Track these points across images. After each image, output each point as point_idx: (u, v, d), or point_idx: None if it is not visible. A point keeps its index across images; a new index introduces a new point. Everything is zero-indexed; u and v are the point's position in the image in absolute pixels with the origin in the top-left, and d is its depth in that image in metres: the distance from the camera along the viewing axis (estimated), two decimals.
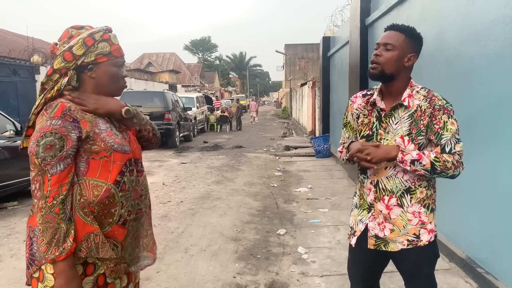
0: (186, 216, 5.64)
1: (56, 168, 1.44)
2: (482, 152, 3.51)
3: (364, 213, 1.99)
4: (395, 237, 1.91)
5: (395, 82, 1.90)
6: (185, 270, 3.83)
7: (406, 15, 5.27)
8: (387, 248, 1.93)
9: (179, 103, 15.47)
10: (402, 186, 1.88)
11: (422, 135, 1.84)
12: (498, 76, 3.29)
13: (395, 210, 1.90)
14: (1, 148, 5.87)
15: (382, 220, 1.93)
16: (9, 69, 11.87)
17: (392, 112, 1.90)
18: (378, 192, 1.92)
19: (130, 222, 1.66)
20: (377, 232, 1.94)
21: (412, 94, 1.89)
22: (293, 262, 4.01)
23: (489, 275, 3.33)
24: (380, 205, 1.92)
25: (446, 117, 1.81)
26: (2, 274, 3.79)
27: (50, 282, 1.49)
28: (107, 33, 1.63)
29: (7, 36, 18.10)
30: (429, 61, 4.59)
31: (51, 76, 1.59)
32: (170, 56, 50.36)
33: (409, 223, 1.89)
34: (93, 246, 1.51)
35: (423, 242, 1.90)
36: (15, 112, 11.24)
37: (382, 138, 1.90)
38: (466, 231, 3.81)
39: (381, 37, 1.93)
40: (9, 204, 6.22)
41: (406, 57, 1.87)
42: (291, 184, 7.78)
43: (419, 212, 1.90)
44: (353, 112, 2.06)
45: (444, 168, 1.77)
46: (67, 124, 1.48)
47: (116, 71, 1.64)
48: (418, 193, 1.89)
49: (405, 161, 1.78)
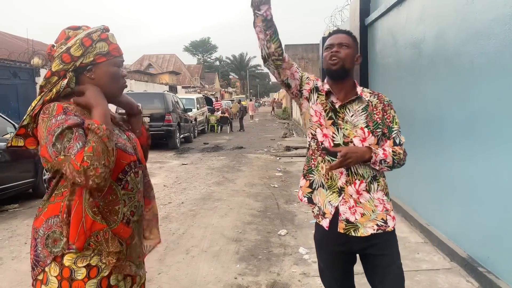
0: (187, 217, 5.64)
1: (76, 147, 1.38)
2: (483, 151, 3.51)
3: (333, 195, 1.99)
4: (366, 221, 1.97)
5: (348, 79, 2.04)
6: (186, 272, 3.83)
7: (405, 15, 5.27)
8: (357, 233, 1.96)
9: (179, 104, 15.48)
10: (370, 172, 1.97)
11: (379, 128, 2.00)
12: (498, 75, 3.29)
13: (364, 195, 1.97)
14: (2, 151, 5.88)
15: (353, 204, 1.97)
16: (9, 72, 11.88)
17: (346, 103, 2.01)
18: (350, 176, 1.96)
19: (135, 223, 1.66)
20: (348, 216, 1.97)
21: (363, 91, 2.05)
22: (294, 263, 4.01)
23: (491, 274, 3.33)
24: (351, 188, 1.96)
25: (393, 112, 2.04)
26: (3, 276, 3.79)
27: (54, 285, 1.48)
28: (104, 33, 1.60)
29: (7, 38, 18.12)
30: (429, 61, 4.59)
31: (49, 79, 1.56)
32: (170, 57, 50.38)
33: (376, 209, 1.98)
34: (102, 241, 1.51)
35: (390, 228, 1.99)
36: (16, 114, 11.23)
37: (341, 127, 1.99)
38: (468, 231, 3.80)
39: (332, 39, 2.05)
40: (10, 206, 6.23)
41: (355, 56, 2.05)
42: (292, 184, 7.78)
43: (382, 199, 2.00)
44: (311, 81, 2.11)
45: (399, 161, 1.96)
46: (72, 117, 1.45)
47: (115, 70, 1.62)
48: (381, 181, 2.01)
49: (376, 162, 1.91)
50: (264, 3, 1.90)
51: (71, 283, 1.48)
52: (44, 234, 1.51)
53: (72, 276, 1.48)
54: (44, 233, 1.51)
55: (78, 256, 1.49)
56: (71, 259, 1.48)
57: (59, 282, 1.48)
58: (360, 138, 1.97)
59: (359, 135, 1.97)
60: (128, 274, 1.64)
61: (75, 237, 1.49)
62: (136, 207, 1.65)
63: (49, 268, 1.49)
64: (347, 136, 1.98)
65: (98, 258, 1.52)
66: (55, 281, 1.48)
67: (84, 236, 1.49)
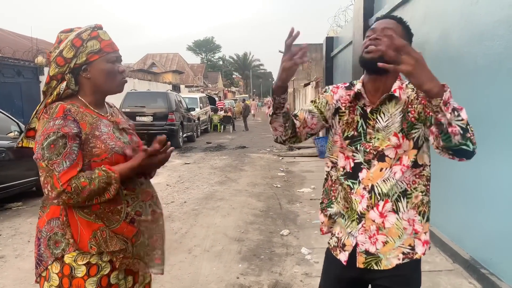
0: (189, 216, 5.65)
1: (63, 165, 1.44)
2: (487, 153, 3.50)
3: (353, 224, 1.68)
4: (389, 250, 1.63)
5: (388, 75, 1.60)
6: (188, 271, 3.84)
7: (409, 16, 5.26)
8: (379, 266, 1.64)
9: (182, 103, 15.50)
10: (398, 188, 1.62)
11: (416, 128, 1.59)
12: (502, 76, 3.29)
13: (389, 217, 1.63)
14: (6, 149, 5.90)
15: (374, 232, 1.64)
16: (14, 70, 11.92)
17: (380, 107, 1.63)
18: (373, 198, 1.63)
19: (144, 223, 1.66)
20: (368, 247, 1.64)
21: (402, 86, 1.64)
22: (296, 263, 4.01)
23: (493, 276, 3.32)
24: (372, 213, 1.63)
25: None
26: (7, 274, 3.81)
27: (55, 282, 1.52)
28: (95, 31, 1.61)
29: (11, 37, 18.17)
30: (433, 61, 4.56)
31: (49, 84, 1.59)
32: (173, 56, 50.41)
33: (404, 232, 1.63)
34: (101, 241, 1.53)
35: (419, 255, 1.65)
36: (19, 113, 11.28)
37: (372, 137, 1.63)
38: (470, 232, 3.80)
39: (376, 24, 1.66)
40: (14, 204, 6.26)
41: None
42: (295, 184, 7.78)
43: (413, 220, 1.64)
44: (331, 104, 1.75)
45: (472, 135, 1.40)
46: (69, 123, 1.49)
47: (110, 67, 1.61)
48: (413, 197, 1.64)
49: (449, 104, 1.32)
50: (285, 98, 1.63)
51: (71, 280, 1.51)
52: (47, 235, 1.54)
53: (72, 274, 1.51)
54: (47, 234, 1.54)
55: (78, 254, 1.52)
56: (71, 257, 1.51)
57: (60, 279, 1.52)
58: (394, 146, 1.60)
59: (392, 143, 1.60)
60: (137, 271, 1.67)
61: (77, 238, 1.52)
62: (142, 206, 1.66)
63: (51, 266, 1.53)
64: (378, 146, 1.62)
65: (98, 257, 1.54)
66: (56, 278, 1.52)
67: (85, 236, 1.52)
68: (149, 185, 1.73)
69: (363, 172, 1.65)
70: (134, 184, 1.63)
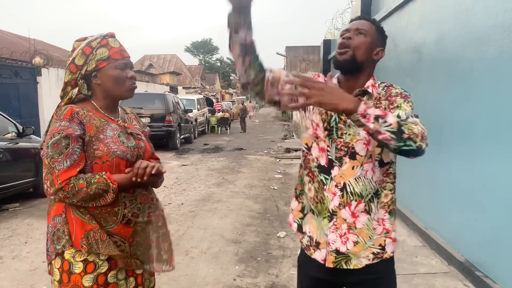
0: (186, 218, 5.66)
1: (63, 164, 1.52)
2: (481, 156, 3.54)
3: (324, 222, 1.65)
4: (360, 250, 1.62)
5: (360, 75, 1.65)
6: (185, 273, 3.85)
7: (406, 20, 5.30)
8: (349, 265, 1.62)
9: (180, 105, 15.51)
10: (371, 189, 1.60)
11: None
12: (497, 80, 3.32)
13: (361, 217, 1.61)
14: (3, 150, 5.89)
15: (345, 231, 1.62)
16: (11, 71, 11.90)
17: None
18: (345, 197, 1.60)
19: (140, 224, 1.71)
20: (338, 246, 1.62)
21: (374, 84, 1.66)
22: (293, 265, 4.02)
23: (488, 278, 3.35)
24: (344, 212, 1.61)
25: (401, 100, 1.57)
26: (4, 276, 3.81)
27: (57, 276, 1.60)
28: (105, 39, 1.69)
29: (8, 37, 18.15)
30: (429, 66, 4.62)
31: (65, 89, 1.70)
32: (171, 58, 50.41)
33: (374, 233, 1.62)
34: (93, 242, 1.58)
35: (388, 254, 1.65)
36: (17, 113, 11.26)
37: (343, 132, 1.61)
38: (465, 235, 3.83)
39: (350, 24, 1.69)
40: (11, 205, 6.25)
41: (375, 49, 1.65)
42: (292, 186, 7.77)
43: (383, 219, 1.64)
44: None
45: (411, 134, 1.35)
46: (74, 125, 1.57)
47: (118, 73, 1.68)
48: (383, 196, 1.64)
49: (368, 115, 1.35)
50: (244, 26, 1.55)
51: (70, 276, 1.58)
52: (52, 231, 1.62)
53: (71, 270, 1.58)
54: (52, 230, 1.62)
55: (77, 251, 1.58)
56: (70, 253, 1.58)
57: (60, 274, 1.59)
58: (364, 142, 1.59)
59: (362, 138, 1.59)
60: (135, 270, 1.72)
61: (72, 236, 1.59)
62: (140, 208, 1.71)
63: (54, 261, 1.62)
64: (348, 142, 1.60)
65: (96, 255, 1.60)
66: (58, 273, 1.60)
67: (78, 235, 1.59)
68: (149, 189, 1.78)
69: (335, 169, 1.62)
70: (133, 188, 1.67)
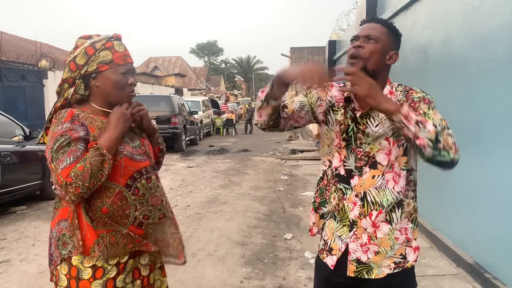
0: (193, 220, 5.67)
1: (66, 161, 1.47)
2: (489, 157, 3.51)
3: (344, 229, 1.64)
4: (381, 260, 1.60)
5: (377, 81, 1.55)
6: (192, 275, 3.85)
7: (412, 20, 5.28)
8: (370, 275, 1.60)
9: (185, 106, 15.54)
10: (393, 199, 1.58)
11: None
12: (505, 81, 3.30)
13: (382, 227, 1.59)
14: (10, 153, 5.93)
15: (366, 241, 1.60)
16: (18, 74, 12.00)
17: (370, 112, 1.59)
18: (366, 207, 1.59)
19: (151, 225, 1.71)
20: (359, 256, 1.61)
21: (392, 91, 1.62)
22: (300, 267, 4.01)
23: (497, 280, 3.32)
24: (365, 221, 1.59)
25: (426, 108, 1.50)
26: (12, 278, 3.83)
27: (64, 283, 1.57)
28: (110, 41, 1.64)
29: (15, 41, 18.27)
30: (436, 66, 4.59)
31: (62, 86, 1.66)
32: (176, 59, 50.53)
33: (396, 242, 1.60)
34: (104, 248, 1.57)
35: (410, 263, 1.63)
36: (23, 116, 11.35)
37: (362, 142, 1.59)
38: (474, 236, 3.80)
39: (360, 29, 1.62)
40: (18, 208, 6.29)
41: (388, 53, 1.59)
42: (298, 188, 7.78)
43: (405, 228, 1.62)
44: (325, 99, 1.70)
45: (446, 144, 1.37)
46: (76, 127, 1.54)
47: (119, 78, 1.64)
48: (405, 205, 1.61)
49: (410, 117, 1.36)
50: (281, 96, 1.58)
51: (78, 282, 1.56)
52: (56, 236, 1.59)
53: (79, 276, 1.56)
54: (56, 235, 1.60)
55: (85, 257, 1.56)
56: (78, 259, 1.56)
57: (68, 281, 1.56)
58: (386, 152, 1.56)
59: (383, 147, 1.56)
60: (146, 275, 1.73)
61: (82, 242, 1.56)
62: (151, 211, 1.70)
63: (60, 266, 1.58)
64: (369, 151, 1.58)
65: (104, 260, 1.58)
66: (65, 279, 1.57)
67: (89, 241, 1.56)
68: (159, 190, 1.76)
69: (355, 179, 1.61)
70: (143, 189, 1.66)
